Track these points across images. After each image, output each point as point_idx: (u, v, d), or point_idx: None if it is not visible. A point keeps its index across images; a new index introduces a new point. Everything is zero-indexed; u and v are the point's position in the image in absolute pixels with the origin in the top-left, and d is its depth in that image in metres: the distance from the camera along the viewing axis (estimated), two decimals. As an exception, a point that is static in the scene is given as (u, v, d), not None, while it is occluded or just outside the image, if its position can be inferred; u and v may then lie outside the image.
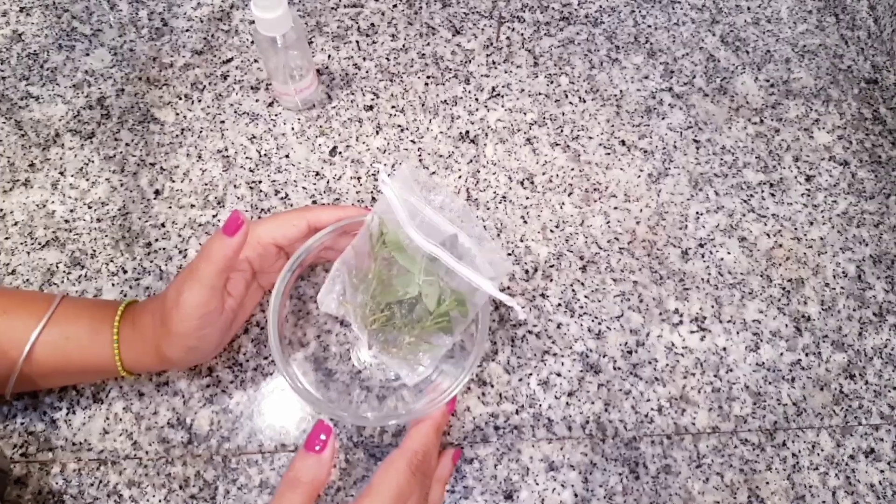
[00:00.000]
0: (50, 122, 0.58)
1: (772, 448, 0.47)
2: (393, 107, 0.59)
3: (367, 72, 0.61)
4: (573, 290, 0.51)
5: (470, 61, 0.61)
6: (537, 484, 0.45)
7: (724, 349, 0.50)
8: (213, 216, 0.54)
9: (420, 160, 0.57)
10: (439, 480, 0.43)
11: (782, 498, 0.45)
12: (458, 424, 0.47)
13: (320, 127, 0.58)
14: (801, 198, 0.56)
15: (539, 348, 0.49)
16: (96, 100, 0.59)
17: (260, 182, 0.55)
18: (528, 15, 0.64)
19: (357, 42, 0.62)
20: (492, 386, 0.48)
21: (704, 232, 0.54)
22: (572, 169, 0.56)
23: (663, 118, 0.59)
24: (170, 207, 0.54)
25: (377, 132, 0.58)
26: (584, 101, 0.60)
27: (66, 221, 0.53)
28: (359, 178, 0.55)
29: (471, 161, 0.57)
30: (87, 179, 0.55)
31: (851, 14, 0.66)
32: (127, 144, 0.57)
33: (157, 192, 0.55)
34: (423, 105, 0.59)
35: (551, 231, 0.54)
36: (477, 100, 0.59)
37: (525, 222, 0.54)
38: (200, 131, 0.57)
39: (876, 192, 0.57)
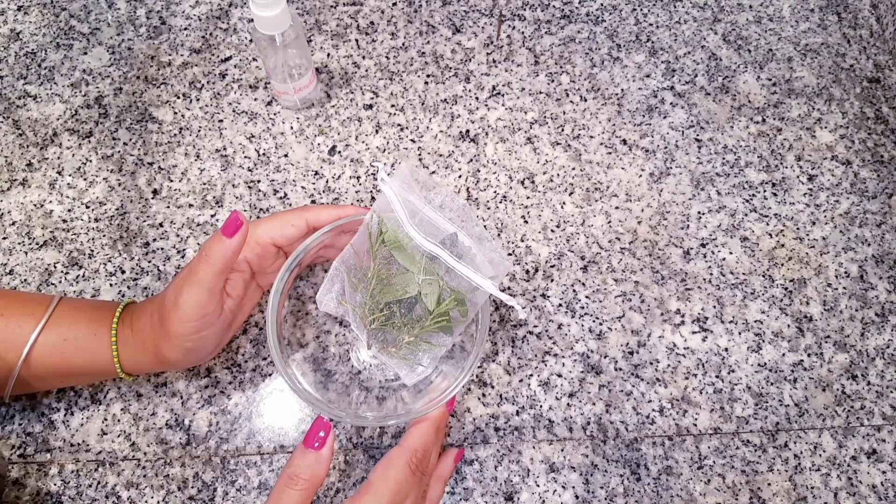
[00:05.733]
0: (48, 121, 0.57)
1: (773, 449, 0.47)
2: (392, 105, 0.59)
3: (366, 70, 0.60)
4: (574, 291, 0.51)
5: (470, 60, 0.61)
6: (538, 485, 0.45)
7: (726, 350, 0.50)
8: (212, 216, 0.53)
9: (420, 159, 0.56)
10: (439, 479, 0.43)
11: (784, 499, 0.45)
12: (459, 425, 0.47)
13: (319, 126, 0.57)
14: (804, 197, 0.56)
15: (540, 349, 0.49)
16: (94, 99, 0.58)
17: (258, 181, 0.55)
18: (529, 13, 0.64)
19: (356, 40, 0.62)
20: (492, 387, 0.48)
21: (706, 232, 0.54)
22: (573, 168, 0.56)
23: (665, 117, 0.59)
24: (168, 207, 0.54)
25: (377, 131, 0.57)
26: (586, 100, 0.59)
27: (64, 221, 0.53)
28: (358, 178, 0.55)
29: (471, 160, 0.56)
30: (85, 179, 0.55)
31: (854, 13, 0.65)
32: (125, 144, 0.56)
33: (155, 192, 0.54)
34: (422, 104, 0.59)
35: (552, 231, 0.53)
36: (477, 98, 0.59)
37: (526, 222, 0.54)
38: (199, 130, 0.57)
39: (878, 191, 0.56)
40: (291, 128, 0.57)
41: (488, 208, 0.54)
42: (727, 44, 0.63)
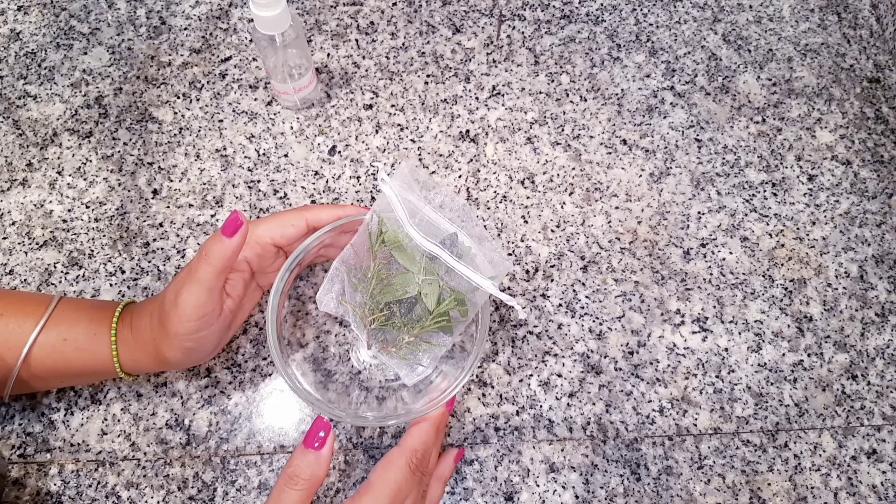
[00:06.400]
0: (48, 121, 0.57)
1: (773, 449, 0.47)
2: (392, 105, 0.59)
3: (366, 70, 0.60)
4: (574, 291, 0.51)
5: (470, 60, 0.61)
6: (538, 485, 0.45)
7: (726, 350, 0.50)
8: (212, 216, 0.53)
9: (420, 159, 0.56)
10: (440, 479, 0.43)
11: (784, 499, 0.45)
12: (459, 425, 0.47)
13: (319, 126, 0.57)
14: (804, 197, 0.56)
15: (540, 349, 0.49)
16: (94, 99, 0.58)
17: (258, 181, 0.55)
18: (529, 13, 0.64)
19: (356, 40, 0.62)
20: (492, 387, 0.48)
21: (706, 232, 0.54)
22: (573, 168, 0.56)
23: (665, 117, 0.59)
24: (168, 207, 0.54)
25: (377, 131, 0.57)
26: (586, 100, 0.59)
27: (64, 221, 0.53)
28: (358, 178, 0.55)
29: (471, 160, 0.56)
30: (85, 179, 0.55)
31: (853, 13, 0.65)
32: (125, 144, 0.56)
33: (155, 192, 0.54)
34: (422, 104, 0.59)
35: (552, 231, 0.53)
36: (477, 98, 0.59)
37: (526, 222, 0.54)
38: (199, 130, 0.57)
39: (878, 191, 0.56)
40: (291, 128, 0.57)
41: (488, 208, 0.54)
42: (727, 44, 0.63)
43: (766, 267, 0.53)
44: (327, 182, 0.55)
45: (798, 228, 0.54)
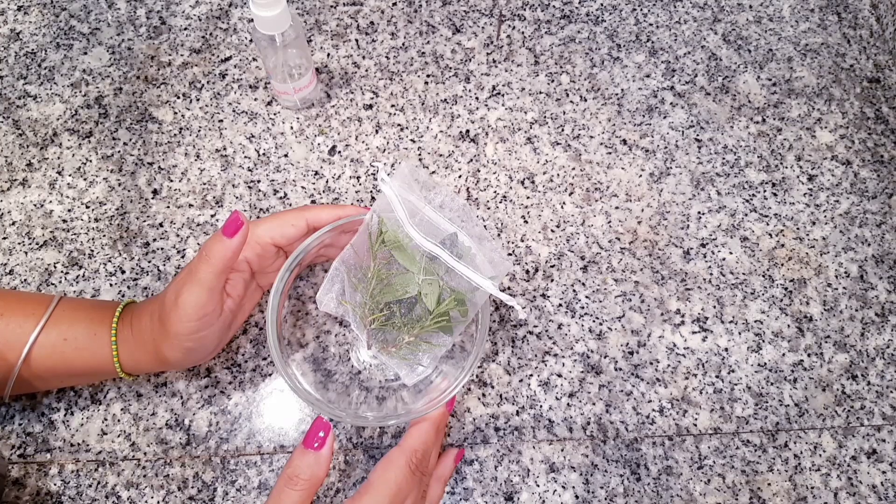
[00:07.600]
0: (48, 121, 0.57)
1: (773, 449, 0.47)
2: (392, 105, 0.59)
3: (366, 70, 0.60)
4: (574, 291, 0.51)
5: (470, 60, 0.61)
6: (538, 485, 0.45)
7: (726, 350, 0.50)
8: (212, 216, 0.53)
9: (420, 159, 0.56)
10: (440, 479, 0.43)
11: (784, 499, 0.45)
12: (459, 425, 0.47)
13: (319, 126, 0.57)
14: (804, 197, 0.56)
15: (540, 349, 0.49)
16: (94, 99, 0.58)
17: (258, 181, 0.55)
18: (529, 13, 0.64)
19: (356, 40, 0.62)
20: (492, 387, 0.48)
21: (706, 232, 0.54)
22: (573, 168, 0.56)
23: (665, 117, 0.59)
24: (168, 207, 0.54)
25: (377, 131, 0.57)
26: (586, 100, 0.59)
27: (64, 221, 0.53)
28: (358, 178, 0.55)
29: (471, 160, 0.56)
30: (85, 179, 0.55)
31: (854, 13, 0.65)
32: (125, 144, 0.56)
33: (155, 192, 0.54)
34: (422, 104, 0.59)
35: (552, 231, 0.53)
36: (477, 98, 0.59)
37: (526, 222, 0.54)
38: (199, 130, 0.57)
39: (878, 191, 0.56)
40: (291, 128, 0.57)
41: (488, 208, 0.54)
42: (727, 44, 0.63)
43: (766, 267, 0.53)
44: (327, 182, 0.55)
45: (798, 228, 0.54)
